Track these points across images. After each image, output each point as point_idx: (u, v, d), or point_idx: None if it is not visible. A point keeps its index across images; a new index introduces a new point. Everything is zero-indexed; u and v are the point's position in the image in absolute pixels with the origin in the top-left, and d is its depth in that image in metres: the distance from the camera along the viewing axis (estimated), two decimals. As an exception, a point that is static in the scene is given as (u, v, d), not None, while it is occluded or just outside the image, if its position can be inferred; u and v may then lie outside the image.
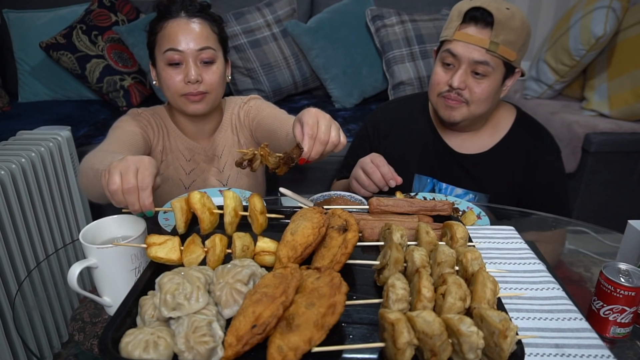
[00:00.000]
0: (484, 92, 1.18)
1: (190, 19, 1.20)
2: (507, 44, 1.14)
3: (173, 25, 1.18)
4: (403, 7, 2.58)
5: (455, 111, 1.23)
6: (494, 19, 1.13)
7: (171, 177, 1.34)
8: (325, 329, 0.59)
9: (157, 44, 1.21)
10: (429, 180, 1.35)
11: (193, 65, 1.19)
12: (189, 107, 1.23)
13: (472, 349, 0.57)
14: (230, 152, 1.38)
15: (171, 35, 1.18)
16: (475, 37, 1.15)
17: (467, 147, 1.33)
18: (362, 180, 1.17)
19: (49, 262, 1.20)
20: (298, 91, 2.62)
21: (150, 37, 1.24)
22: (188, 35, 1.18)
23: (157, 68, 1.24)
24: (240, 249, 0.77)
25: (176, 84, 1.20)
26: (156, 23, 1.22)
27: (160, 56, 1.21)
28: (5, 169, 1.44)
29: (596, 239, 1.15)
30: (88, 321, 0.86)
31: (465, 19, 1.17)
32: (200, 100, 1.22)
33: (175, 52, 1.18)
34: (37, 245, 1.56)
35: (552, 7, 2.81)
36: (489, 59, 1.15)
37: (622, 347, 0.78)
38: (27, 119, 2.28)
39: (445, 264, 0.71)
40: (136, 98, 2.52)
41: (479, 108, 1.22)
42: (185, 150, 1.34)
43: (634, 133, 2.10)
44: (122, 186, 0.76)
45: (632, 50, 2.11)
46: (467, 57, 1.16)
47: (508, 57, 1.16)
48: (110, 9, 2.52)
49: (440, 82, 1.23)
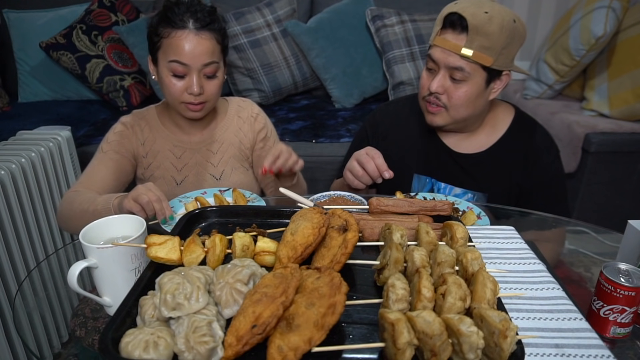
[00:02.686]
0: (462, 98, 1.19)
1: (199, 32, 1.19)
2: (482, 50, 1.13)
3: (181, 37, 1.18)
4: (403, 7, 2.58)
5: (436, 117, 1.25)
6: (468, 24, 1.12)
7: (162, 176, 1.36)
8: (325, 329, 0.59)
9: (161, 48, 1.22)
10: (427, 180, 1.35)
11: (196, 79, 1.20)
12: (187, 113, 1.27)
13: (472, 349, 0.57)
14: (227, 150, 1.39)
15: (178, 48, 1.18)
16: (450, 42, 1.15)
17: (465, 146, 1.33)
18: (355, 171, 1.18)
19: (49, 262, 1.20)
20: (298, 91, 2.62)
21: (153, 37, 1.23)
22: (195, 50, 1.18)
23: (159, 70, 1.24)
24: (240, 249, 0.77)
25: (177, 92, 1.23)
26: (163, 26, 1.20)
27: (164, 62, 1.21)
28: (5, 169, 1.44)
29: (596, 239, 1.15)
30: (89, 317, 0.86)
31: (445, 23, 1.17)
32: (199, 109, 1.26)
33: (180, 65, 1.19)
34: (37, 245, 1.56)
35: (552, 7, 2.81)
36: (464, 64, 1.15)
37: (622, 347, 0.78)
38: (27, 119, 2.28)
39: (445, 264, 0.71)
40: (136, 98, 2.52)
41: (458, 113, 1.22)
42: (175, 149, 1.36)
43: (634, 133, 2.10)
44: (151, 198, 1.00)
45: (632, 50, 2.11)
46: (444, 62, 1.17)
47: (483, 63, 1.15)
48: (110, 9, 2.53)
49: (424, 85, 1.25)
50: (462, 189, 1.32)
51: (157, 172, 1.36)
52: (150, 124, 1.36)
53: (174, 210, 1.08)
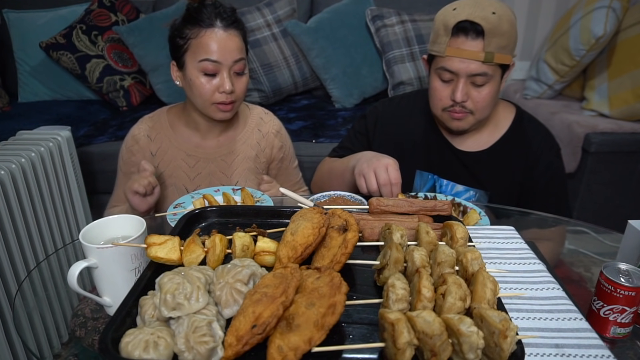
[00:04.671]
0: (486, 99, 1.19)
1: (227, 30, 1.22)
2: (500, 50, 1.13)
3: (211, 36, 1.20)
4: (403, 7, 2.58)
5: (462, 122, 1.24)
6: (483, 29, 1.11)
7: (174, 184, 1.35)
8: (325, 329, 0.59)
9: (189, 50, 1.23)
10: (430, 177, 1.36)
11: (227, 77, 1.22)
12: (217, 115, 1.28)
13: (472, 349, 0.57)
14: (242, 163, 1.40)
15: (209, 46, 1.20)
16: (468, 51, 1.13)
17: (467, 144, 1.33)
18: (370, 184, 1.11)
19: (49, 262, 1.20)
20: (298, 91, 2.62)
21: (179, 40, 1.24)
22: (225, 47, 1.21)
23: (187, 73, 1.25)
24: (240, 249, 0.77)
25: (209, 93, 1.23)
26: (189, 28, 1.22)
27: (193, 63, 1.22)
28: (5, 169, 1.44)
29: (596, 239, 1.15)
30: (89, 317, 0.86)
31: (454, 32, 1.14)
32: (230, 109, 1.27)
33: (211, 63, 1.20)
34: (37, 245, 1.56)
35: (552, 7, 2.80)
36: (487, 69, 1.15)
37: (622, 347, 0.78)
38: (27, 119, 2.29)
39: (445, 264, 0.71)
40: (136, 98, 2.52)
41: (484, 113, 1.23)
42: (189, 158, 1.36)
43: (634, 133, 2.10)
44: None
45: (632, 50, 2.11)
46: (465, 72, 1.15)
47: (505, 62, 1.16)
48: (110, 9, 2.53)
49: (442, 97, 1.23)
50: (464, 186, 1.33)
51: (169, 181, 1.35)
52: (161, 133, 1.36)
53: (184, 207, 1.08)
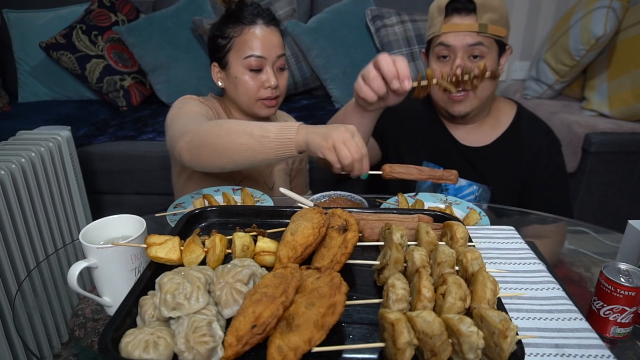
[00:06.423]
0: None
1: (268, 26, 1.25)
2: (494, 23, 1.18)
3: (255, 33, 1.23)
4: (403, 7, 2.58)
5: (462, 104, 1.26)
6: (475, 4, 1.17)
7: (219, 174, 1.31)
8: (325, 329, 0.58)
9: (233, 48, 1.25)
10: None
11: (271, 72, 1.25)
12: (262, 111, 1.30)
13: (472, 349, 0.57)
14: (276, 172, 1.42)
15: (253, 42, 1.23)
16: (462, 24, 1.19)
17: (470, 139, 1.35)
18: (367, 72, 1.02)
19: (49, 262, 1.20)
20: (298, 91, 2.62)
21: (220, 40, 1.26)
22: (269, 43, 1.24)
23: (231, 71, 1.27)
24: (240, 249, 0.77)
25: (254, 89, 1.26)
26: (231, 27, 1.24)
27: (238, 61, 1.25)
28: (5, 169, 1.44)
29: (596, 239, 1.15)
30: (89, 317, 0.86)
31: (448, 12, 1.20)
32: (275, 104, 1.30)
33: (256, 59, 1.23)
34: (37, 245, 1.56)
35: (552, 7, 2.80)
36: (482, 39, 1.19)
37: (622, 347, 0.78)
38: (27, 119, 2.29)
39: (445, 264, 0.71)
40: (136, 98, 2.52)
41: (484, 92, 1.24)
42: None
43: (634, 133, 2.10)
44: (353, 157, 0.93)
45: (632, 50, 2.11)
46: (461, 44, 1.20)
47: (499, 34, 1.20)
48: (110, 9, 2.53)
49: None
50: (467, 181, 1.34)
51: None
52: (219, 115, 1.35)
53: (184, 207, 1.09)
